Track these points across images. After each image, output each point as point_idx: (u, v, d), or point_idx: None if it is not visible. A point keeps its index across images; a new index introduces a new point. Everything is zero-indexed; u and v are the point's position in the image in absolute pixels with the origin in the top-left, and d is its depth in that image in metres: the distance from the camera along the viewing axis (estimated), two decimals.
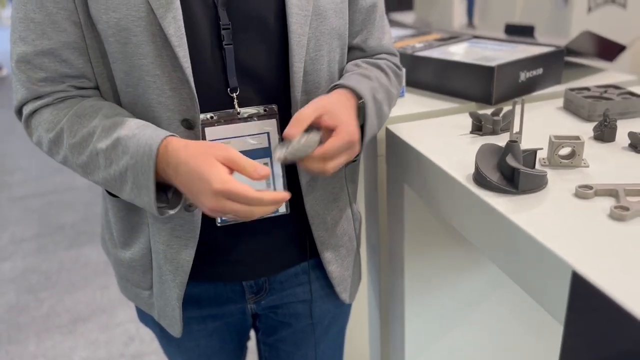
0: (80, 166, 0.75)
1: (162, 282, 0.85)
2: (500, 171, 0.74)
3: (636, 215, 0.64)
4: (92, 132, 0.73)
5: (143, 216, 0.84)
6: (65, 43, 0.74)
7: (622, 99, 0.94)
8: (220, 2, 0.73)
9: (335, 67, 0.82)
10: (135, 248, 0.87)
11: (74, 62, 0.75)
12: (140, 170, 0.69)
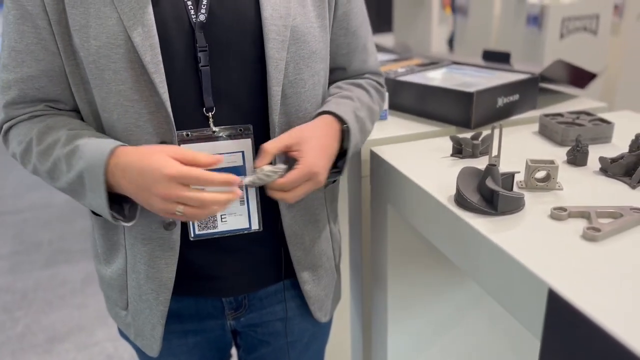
0: (47, 172, 0.78)
1: (142, 301, 0.86)
2: (480, 193, 0.77)
3: (607, 236, 0.68)
4: (57, 140, 0.76)
5: (120, 237, 0.86)
6: (42, 71, 0.78)
7: (593, 125, 0.99)
8: (197, 25, 0.76)
9: (320, 89, 0.85)
10: (114, 266, 0.89)
11: (51, 88, 0.79)
12: (93, 172, 0.72)
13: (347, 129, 0.83)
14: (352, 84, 0.92)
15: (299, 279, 0.91)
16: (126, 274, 0.87)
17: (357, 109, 0.86)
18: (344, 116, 0.82)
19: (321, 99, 0.87)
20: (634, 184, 0.81)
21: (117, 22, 0.73)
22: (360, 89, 0.91)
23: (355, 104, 0.86)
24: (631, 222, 0.70)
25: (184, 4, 0.76)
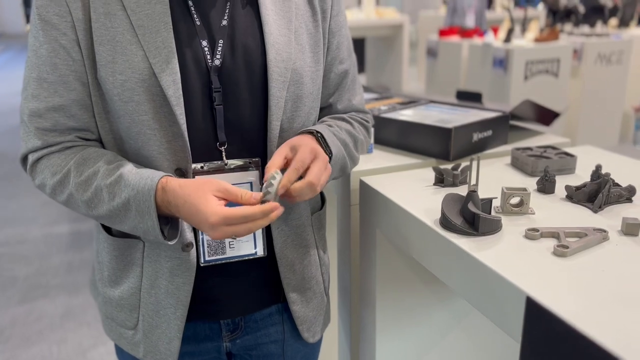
0: (85, 202, 0.83)
1: (160, 316, 0.92)
2: (463, 216, 0.87)
3: (574, 252, 0.78)
4: (96, 171, 0.83)
5: (136, 256, 0.91)
6: (74, 100, 0.84)
7: (558, 157, 1.11)
8: (213, 69, 0.85)
9: (310, 125, 0.95)
10: (124, 286, 0.94)
11: (81, 117, 0.85)
12: (142, 198, 0.78)
13: (321, 137, 0.89)
14: (336, 117, 1.02)
15: (288, 300, 0.98)
16: (139, 292, 0.92)
17: (335, 131, 0.94)
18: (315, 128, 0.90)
19: None
20: (595, 209, 0.92)
21: (143, 59, 0.81)
22: (342, 120, 1.01)
23: (333, 129, 0.95)
24: (594, 240, 0.80)
25: (202, 50, 0.85)
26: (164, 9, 0.82)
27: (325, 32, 0.95)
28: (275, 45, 0.87)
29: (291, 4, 0.90)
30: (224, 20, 0.86)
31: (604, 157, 1.21)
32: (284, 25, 0.89)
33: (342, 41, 0.99)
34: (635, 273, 0.72)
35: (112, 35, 0.82)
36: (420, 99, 1.51)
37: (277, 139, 0.88)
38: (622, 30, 5.19)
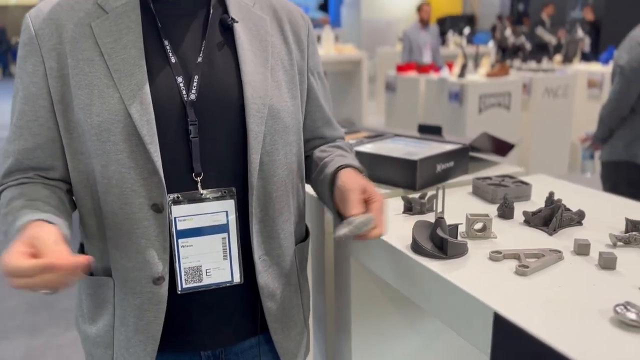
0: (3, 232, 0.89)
1: (130, 354, 0.93)
2: (432, 241, 0.94)
3: (534, 271, 0.85)
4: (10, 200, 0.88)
5: (108, 294, 0.94)
6: (37, 144, 0.91)
7: (515, 186, 1.20)
8: (189, 103, 0.90)
9: (293, 157, 1.00)
10: (100, 324, 0.96)
11: (43, 159, 0.92)
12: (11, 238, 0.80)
13: (364, 171, 1.01)
14: (334, 146, 1.09)
15: (270, 329, 1.00)
16: (113, 330, 0.94)
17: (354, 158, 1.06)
18: (354, 165, 1.01)
19: (295, 166, 1.01)
20: (550, 232, 1.01)
21: (119, 101, 0.86)
22: (342, 149, 1.09)
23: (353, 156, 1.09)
24: (551, 260, 0.88)
25: (177, 85, 0.90)
26: (139, 53, 0.88)
27: (303, 70, 1.02)
28: (252, 82, 0.93)
29: (267, 43, 0.97)
30: (200, 58, 0.92)
31: (555, 184, 1.32)
32: (260, 64, 0.95)
33: (318, 77, 1.07)
34: (588, 287, 0.80)
35: (90, 80, 0.87)
36: (385, 133, 1.60)
37: (257, 171, 0.93)
38: (566, 65, 5.53)
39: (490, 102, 4.45)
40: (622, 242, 0.95)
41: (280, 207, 0.97)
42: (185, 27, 0.93)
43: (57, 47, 0.89)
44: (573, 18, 10.15)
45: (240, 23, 0.95)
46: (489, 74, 4.55)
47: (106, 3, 0.90)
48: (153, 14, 0.91)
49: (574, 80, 5.00)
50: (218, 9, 0.96)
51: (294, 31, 1.01)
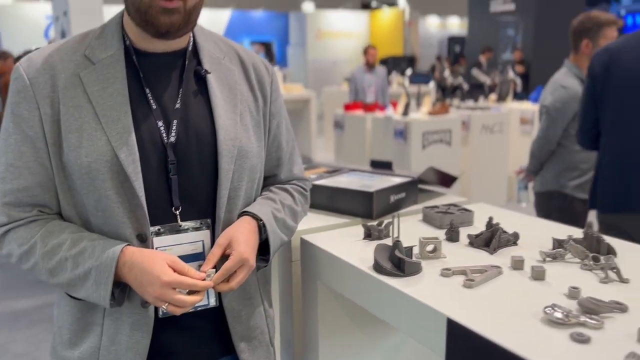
0: (49, 270, 0.96)
1: None
2: (391, 261, 1.07)
3: (478, 284, 1.00)
4: (61, 243, 0.96)
5: (97, 317, 1.01)
6: (36, 182, 0.99)
7: (460, 213, 1.36)
8: (169, 145, 1.01)
9: (252, 194, 1.12)
10: (84, 346, 1.02)
11: (42, 196, 0.99)
12: (103, 269, 0.92)
13: (263, 225, 1.06)
14: (280, 188, 1.20)
15: (236, 348, 1.09)
16: (99, 351, 1.01)
17: (277, 209, 1.12)
18: (259, 215, 1.07)
19: (252, 200, 1.12)
20: (491, 251, 1.16)
21: (106, 143, 0.96)
22: (286, 192, 1.19)
23: (277, 205, 1.13)
24: (492, 274, 1.03)
25: (158, 129, 1.01)
26: (124, 100, 0.98)
27: (266, 115, 1.15)
28: (224, 127, 1.05)
29: (236, 91, 1.10)
30: (177, 104, 1.04)
31: (493, 211, 1.49)
32: (230, 110, 1.07)
33: (281, 121, 1.19)
34: (523, 296, 0.95)
35: (80, 124, 0.97)
36: (342, 168, 1.74)
37: (225, 205, 1.04)
38: (500, 104, 5.96)
39: (433, 138, 4.73)
40: (550, 257, 1.11)
41: None
42: (164, 77, 1.04)
43: (51, 95, 0.98)
44: (505, 60, 10.89)
45: (212, 74, 1.07)
46: (430, 112, 4.85)
47: (93, 55, 1.00)
48: (135, 66, 1.02)
49: (508, 118, 5.39)
50: (192, 61, 1.08)
51: (259, 80, 1.14)
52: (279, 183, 1.21)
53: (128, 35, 1.02)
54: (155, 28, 0.96)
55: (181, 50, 1.06)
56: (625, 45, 1.99)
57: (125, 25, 1.03)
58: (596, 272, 1.05)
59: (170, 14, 0.95)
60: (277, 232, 1.09)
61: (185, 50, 1.06)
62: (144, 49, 1.03)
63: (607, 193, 2.05)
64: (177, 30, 0.98)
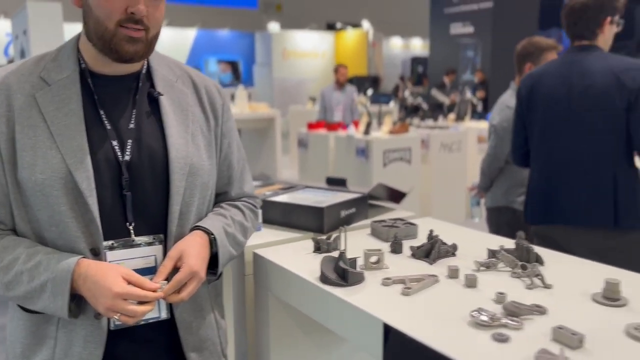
0: (5, 284, 1.00)
1: None
2: (336, 272, 1.13)
3: (415, 292, 1.07)
4: (17, 257, 0.99)
5: (50, 330, 1.04)
6: None
7: (405, 226, 1.44)
8: (124, 163, 1.06)
9: (204, 209, 1.17)
10: (37, 359, 1.05)
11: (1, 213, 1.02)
12: (59, 281, 0.96)
13: (214, 239, 1.12)
14: (231, 204, 1.25)
15: (187, 358, 1.13)
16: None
17: (227, 225, 1.17)
18: (211, 229, 1.12)
19: (204, 215, 1.17)
20: (430, 261, 1.24)
21: (61, 161, 1.00)
22: (237, 209, 1.25)
23: (227, 221, 1.18)
24: (429, 282, 1.11)
25: (113, 148, 1.06)
26: (79, 120, 1.03)
27: (218, 135, 1.21)
28: (175, 145, 1.10)
29: (188, 112, 1.15)
30: (131, 124, 1.09)
31: (437, 225, 1.58)
32: (182, 130, 1.13)
33: (232, 141, 1.25)
34: (455, 302, 1.03)
35: (34, 143, 1.01)
36: (297, 185, 1.81)
37: (177, 219, 1.09)
38: (459, 123, 6.16)
39: (393, 156, 4.86)
40: (484, 267, 1.20)
41: None
42: (118, 98, 1.10)
43: (7, 114, 1.02)
44: (465, 80, 11.25)
45: (165, 96, 1.13)
46: (391, 131, 4.98)
47: (49, 77, 1.05)
48: (90, 88, 1.07)
49: (466, 136, 5.58)
50: (146, 83, 1.13)
51: (211, 102, 1.20)
52: (230, 200, 1.26)
53: (84, 59, 1.08)
54: (118, 55, 1.02)
55: (135, 73, 1.11)
56: (546, 71, 2.15)
57: (81, 49, 1.08)
58: (524, 279, 1.14)
59: (135, 42, 1.01)
60: (227, 246, 1.14)
61: (139, 73, 1.12)
62: (99, 71, 1.08)
63: (535, 207, 2.18)
64: (140, 57, 1.04)
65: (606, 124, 1.97)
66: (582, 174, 2.02)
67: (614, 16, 2.05)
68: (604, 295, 1.03)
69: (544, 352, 0.81)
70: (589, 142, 2.01)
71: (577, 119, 2.03)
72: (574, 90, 2.03)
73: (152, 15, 1.02)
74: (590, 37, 2.04)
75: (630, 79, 1.92)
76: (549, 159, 2.13)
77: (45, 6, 3.57)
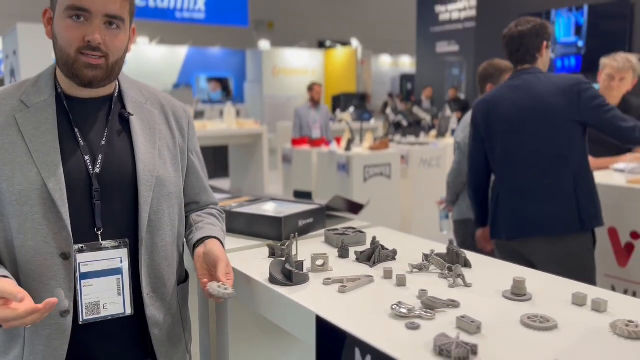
0: None
1: None
2: (283, 274, 1.28)
3: (350, 290, 1.22)
4: None
5: (20, 330, 1.16)
6: None
7: (354, 234, 1.59)
8: (94, 175, 1.20)
9: (175, 216, 1.31)
10: (11, 356, 1.18)
11: None
12: None
13: (222, 243, 1.31)
14: (208, 213, 1.41)
15: (156, 353, 1.27)
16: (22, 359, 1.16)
17: (221, 229, 1.37)
18: (220, 238, 1.31)
19: (177, 222, 1.32)
20: (371, 265, 1.39)
21: (37, 174, 1.14)
22: (215, 218, 1.41)
23: (222, 226, 1.38)
24: (364, 282, 1.25)
25: (85, 162, 1.20)
26: (54, 138, 1.18)
27: (185, 150, 1.36)
28: (143, 159, 1.25)
29: (156, 130, 1.30)
30: (103, 141, 1.24)
31: (385, 233, 1.72)
32: (150, 146, 1.28)
33: (198, 156, 1.40)
34: (384, 298, 1.18)
35: (13, 158, 1.15)
36: (263, 197, 1.96)
37: (146, 226, 1.23)
38: (439, 140, 6.34)
39: (374, 171, 5.02)
40: (416, 269, 1.35)
41: (165, 254, 1.27)
42: (92, 118, 1.24)
43: None
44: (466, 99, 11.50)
45: (135, 116, 1.28)
46: (371, 147, 5.15)
47: (28, 100, 1.20)
48: (66, 109, 1.22)
49: (445, 152, 5.76)
50: (118, 104, 1.28)
51: (177, 121, 1.35)
52: (199, 208, 1.41)
53: (60, 84, 1.22)
54: (80, 79, 1.17)
55: (108, 95, 1.27)
56: (500, 95, 2.34)
57: (57, 75, 1.23)
58: (449, 280, 1.28)
59: (94, 69, 1.16)
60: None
61: (112, 96, 1.27)
62: (74, 95, 1.23)
63: (505, 223, 2.34)
64: (100, 82, 1.19)
65: (562, 135, 2.16)
66: (544, 187, 2.21)
67: (549, 41, 2.26)
68: (512, 291, 1.18)
69: (442, 336, 0.95)
70: (546, 157, 2.19)
71: (533, 137, 2.21)
72: (527, 111, 2.21)
73: (110, 43, 1.17)
74: (531, 61, 2.24)
75: (575, 93, 2.13)
76: (511, 178, 2.30)
77: (34, 28, 3.73)
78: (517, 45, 2.23)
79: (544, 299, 1.16)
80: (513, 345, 0.96)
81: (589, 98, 2.13)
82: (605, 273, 2.66)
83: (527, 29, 2.20)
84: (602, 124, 2.15)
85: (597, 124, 2.16)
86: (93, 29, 1.13)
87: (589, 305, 1.12)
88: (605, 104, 2.14)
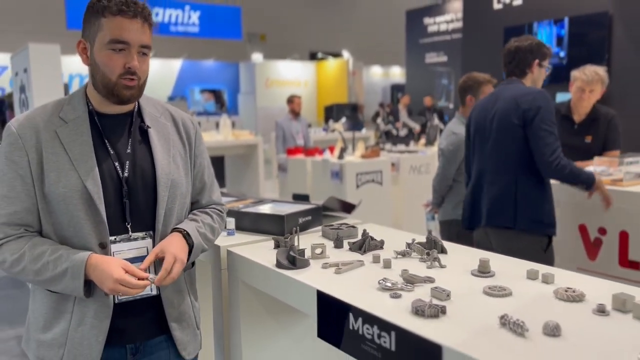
0: (35, 271, 1.34)
1: (84, 346, 1.38)
2: (288, 260, 1.52)
3: (344, 271, 1.46)
4: (44, 251, 1.35)
5: (68, 306, 1.40)
6: (24, 208, 1.38)
7: (347, 229, 1.83)
8: (124, 179, 1.44)
9: (182, 213, 1.55)
10: (57, 329, 1.40)
11: (27, 218, 1.39)
12: (76, 269, 1.32)
13: (187, 234, 1.50)
14: (202, 211, 1.63)
15: (170, 328, 1.50)
16: (67, 332, 1.39)
17: (199, 226, 1.55)
18: (184, 228, 1.50)
19: (183, 217, 1.56)
20: (362, 252, 1.63)
21: (77, 179, 1.38)
22: (206, 214, 1.63)
23: (198, 224, 1.56)
24: (356, 265, 1.50)
25: (115, 168, 1.44)
26: (90, 148, 1.41)
27: (192, 156, 1.60)
28: (161, 165, 1.49)
29: (170, 140, 1.54)
30: (128, 150, 1.47)
31: (375, 227, 1.97)
32: (166, 153, 1.52)
33: (203, 161, 1.64)
34: (372, 277, 1.42)
35: (57, 165, 1.38)
36: (265, 199, 2.20)
37: (162, 220, 1.47)
38: (428, 147, 6.62)
39: (366, 178, 5.27)
40: (400, 255, 1.59)
41: None
42: (118, 131, 1.48)
43: (36, 145, 1.39)
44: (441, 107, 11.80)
45: (152, 128, 1.52)
46: (363, 155, 5.40)
47: (66, 116, 1.43)
48: (97, 124, 1.46)
49: (433, 159, 6.01)
50: (137, 119, 1.52)
51: (186, 131, 1.59)
52: (201, 207, 1.64)
53: (91, 102, 1.46)
54: (119, 98, 1.41)
55: (129, 112, 1.51)
56: (480, 102, 2.62)
57: (88, 95, 1.47)
58: (428, 262, 1.53)
59: (130, 89, 1.41)
60: (199, 240, 1.52)
61: (132, 111, 1.51)
62: (103, 111, 1.47)
63: (465, 214, 2.67)
64: (134, 99, 1.43)
65: (508, 141, 2.43)
66: (491, 183, 2.48)
67: (543, 60, 2.50)
68: (478, 270, 1.42)
69: (418, 301, 1.19)
70: (496, 157, 2.47)
71: (491, 139, 2.48)
72: (489, 116, 2.48)
73: (141, 67, 1.41)
74: (520, 75, 2.50)
75: (525, 102, 2.37)
76: (474, 174, 2.58)
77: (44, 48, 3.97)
78: (511, 58, 2.48)
79: (504, 275, 1.41)
80: (475, 308, 1.20)
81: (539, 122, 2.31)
82: (577, 266, 2.92)
83: (523, 45, 2.45)
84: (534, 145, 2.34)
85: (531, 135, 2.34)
86: (132, 57, 1.38)
87: (540, 279, 1.36)
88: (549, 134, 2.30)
